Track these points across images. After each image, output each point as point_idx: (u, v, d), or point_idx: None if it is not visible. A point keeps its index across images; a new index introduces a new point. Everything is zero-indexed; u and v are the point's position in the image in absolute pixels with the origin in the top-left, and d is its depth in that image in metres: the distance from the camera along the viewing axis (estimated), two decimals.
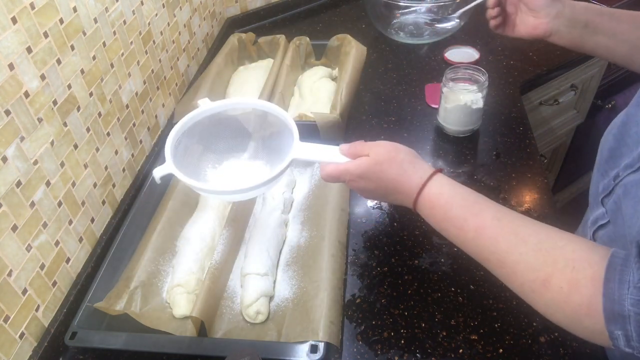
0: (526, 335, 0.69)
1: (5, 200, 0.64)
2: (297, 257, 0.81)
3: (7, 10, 0.63)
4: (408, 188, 0.60)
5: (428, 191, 0.59)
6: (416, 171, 0.60)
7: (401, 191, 0.61)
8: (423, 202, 0.59)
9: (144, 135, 0.99)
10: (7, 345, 0.65)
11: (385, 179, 0.61)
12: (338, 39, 1.21)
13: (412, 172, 0.60)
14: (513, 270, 0.52)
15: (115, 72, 0.88)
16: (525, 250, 0.51)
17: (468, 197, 0.58)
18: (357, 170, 0.62)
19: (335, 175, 0.64)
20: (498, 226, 0.54)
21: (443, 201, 0.58)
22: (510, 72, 1.19)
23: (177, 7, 1.12)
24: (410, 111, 1.11)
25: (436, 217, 0.59)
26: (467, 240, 0.56)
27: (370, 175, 0.61)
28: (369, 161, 0.61)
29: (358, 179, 0.62)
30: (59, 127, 0.74)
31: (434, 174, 0.60)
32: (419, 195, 0.59)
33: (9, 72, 0.63)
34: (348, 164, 0.63)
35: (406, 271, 0.79)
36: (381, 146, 0.62)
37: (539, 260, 0.50)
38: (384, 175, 0.61)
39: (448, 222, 0.58)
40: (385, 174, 0.61)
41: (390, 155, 0.61)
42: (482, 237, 0.54)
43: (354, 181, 0.63)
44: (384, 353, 0.69)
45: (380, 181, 0.61)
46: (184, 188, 0.92)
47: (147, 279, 0.77)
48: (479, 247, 0.55)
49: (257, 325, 0.72)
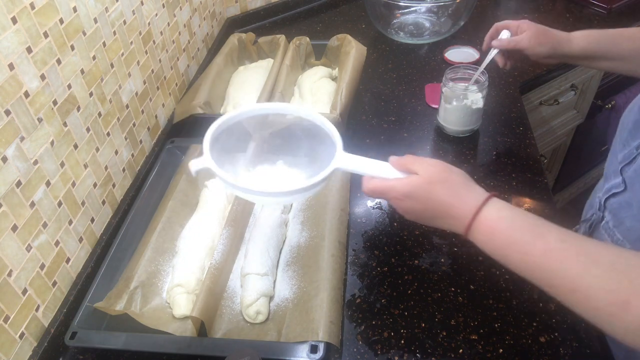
0: (526, 335, 0.69)
1: (5, 200, 0.64)
2: (297, 257, 0.81)
3: (7, 10, 0.63)
4: (461, 212, 0.56)
5: (485, 215, 0.55)
6: (470, 194, 0.56)
7: (452, 215, 0.57)
8: (479, 228, 0.55)
9: (144, 135, 0.99)
10: (7, 345, 0.65)
11: (436, 201, 0.57)
12: (338, 39, 1.21)
13: (466, 195, 0.56)
14: (586, 295, 0.47)
15: (115, 72, 0.88)
16: (598, 272, 0.47)
17: (528, 220, 0.54)
18: (404, 188, 0.58)
19: (379, 191, 0.61)
20: (565, 248, 0.50)
21: (504, 225, 0.54)
22: (510, 72, 1.19)
23: (177, 7, 1.12)
24: (410, 111, 1.11)
25: (496, 242, 0.54)
26: (533, 266, 0.52)
27: (419, 196, 0.58)
28: (419, 180, 0.58)
29: (405, 198, 0.58)
30: (59, 127, 0.74)
31: (490, 197, 0.56)
32: (474, 220, 0.55)
33: (9, 72, 0.63)
34: (395, 181, 0.59)
35: (406, 271, 0.79)
36: (433, 165, 0.59)
37: (615, 282, 0.46)
38: (434, 197, 0.57)
39: (511, 248, 0.53)
40: (436, 195, 0.57)
41: (442, 176, 0.58)
42: (550, 260, 0.50)
43: (399, 200, 0.59)
44: (384, 353, 0.69)
45: (430, 202, 0.57)
46: (184, 188, 0.92)
47: (147, 279, 0.77)
48: (546, 272, 0.51)
49: (257, 325, 0.72)
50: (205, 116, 1.02)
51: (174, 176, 0.95)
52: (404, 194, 0.58)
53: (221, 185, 0.76)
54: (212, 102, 1.07)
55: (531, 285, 0.75)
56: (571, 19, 1.42)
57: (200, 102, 1.03)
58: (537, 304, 0.72)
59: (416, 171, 0.58)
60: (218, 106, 1.11)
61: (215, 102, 1.09)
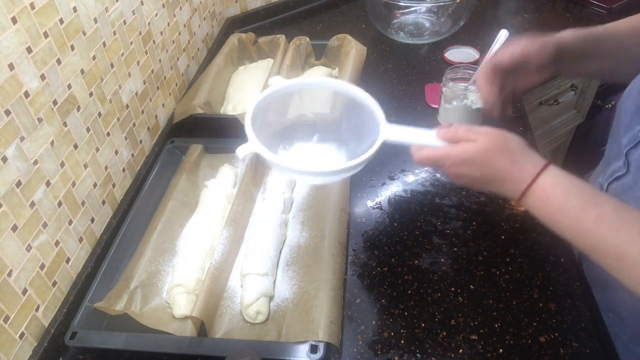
0: (526, 335, 0.69)
1: (5, 200, 0.64)
2: (297, 257, 0.81)
3: (7, 10, 0.63)
4: (518, 178, 0.58)
5: (543, 181, 0.57)
6: (528, 160, 0.58)
7: (509, 180, 0.59)
8: (534, 193, 0.57)
9: (144, 135, 0.99)
10: (7, 345, 0.65)
11: (494, 167, 0.59)
12: (338, 39, 1.21)
13: (524, 161, 0.58)
14: (632, 263, 0.50)
15: (115, 72, 0.88)
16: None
17: (585, 189, 0.56)
18: (462, 155, 0.60)
19: (434, 159, 0.62)
20: (618, 218, 0.52)
21: (559, 192, 0.56)
22: None
23: (177, 7, 1.12)
24: (410, 111, 1.11)
25: (549, 208, 0.57)
26: (583, 232, 0.54)
27: (477, 162, 0.60)
28: (478, 147, 0.59)
29: (463, 164, 0.60)
30: (59, 127, 0.74)
31: (547, 165, 0.58)
32: (531, 186, 0.57)
33: (9, 72, 0.63)
34: (451, 148, 0.61)
35: (406, 271, 0.79)
36: (491, 133, 0.60)
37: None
38: (493, 164, 0.59)
39: (564, 213, 0.56)
40: (495, 162, 0.59)
41: (501, 144, 0.59)
42: (602, 228, 0.52)
43: (455, 165, 0.61)
44: (384, 353, 0.69)
45: (487, 169, 0.59)
46: (184, 188, 0.92)
47: (147, 279, 0.77)
48: (596, 239, 0.53)
49: (257, 325, 0.72)
50: (205, 116, 1.02)
51: (174, 176, 0.95)
52: (463, 160, 0.60)
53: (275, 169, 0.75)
54: (212, 102, 1.07)
55: (531, 285, 0.76)
56: (571, 19, 1.42)
57: (200, 102, 1.03)
58: (537, 304, 0.72)
59: (474, 139, 0.60)
60: (218, 106, 1.11)
61: (215, 102, 1.09)
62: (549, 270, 0.77)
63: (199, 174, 0.97)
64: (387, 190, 0.93)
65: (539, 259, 0.78)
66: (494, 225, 0.84)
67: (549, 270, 0.77)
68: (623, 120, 0.67)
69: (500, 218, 0.85)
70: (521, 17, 1.44)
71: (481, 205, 0.88)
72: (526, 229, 0.83)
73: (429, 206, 0.89)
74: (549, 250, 0.79)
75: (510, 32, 0.94)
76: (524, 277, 0.76)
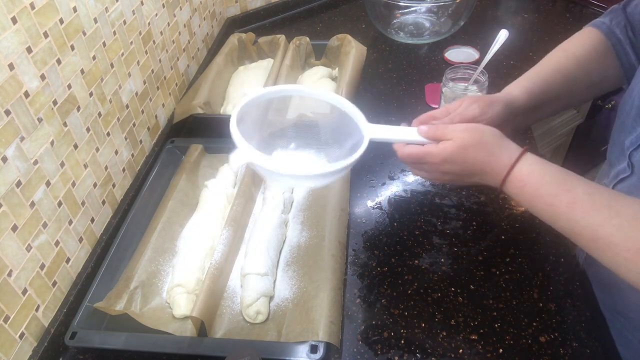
0: (526, 335, 0.69)
1: (5, 200, 0.64)
2: (297, 257, 0.81)
3: (7, 10, 0.63)
4: (496, 168, 0.61)
5: (518, 170, 0.60)
6: (503, 151, 0.61)
7: (488, 172, 0.62)
8: (512, 181, 0.60)
9: (144, 135, 0.99)
10: (7, 345, 0.65)
11: (472, 162, 0.62)
12: (338, 39, 1.21)
13: (499, 152, 0.61)
14: (607, 242, 0.52)
15: (115, 72, 0.88)
16: (619, 222, 0.51)
17: (558, 174, 0.59)
18: (442, 153, 0.63)
19: (417, 157, 0.65)
20: (590, 200, 0.54)
21: (534, 179, 0.59)
22: (510, 72, 1.19)
23: (177, 7, 1.12)
24: (410, 111, 1.11)
25: (525, 195, 0.59)
26: (558, 216, 0.56)
27: (456, 159, 0.63)
28: (454, 145, 0.62)
29: (443, 162, 0.64)
30: (59, 127, 0.74)
31: (523, 153, 0.60)
32: (508, 175, 0.60)
33: (9, 72, 0.63)
34: (431, 147, 0.64)
35: (406, 271, 0.79)
36: (465, 130, 0.63)
37: (635, 230, 0.50)
38: (470, 159, 0.62)
39: (539, 199, 0.58)
40: (472, 157, 0.62)
41: (475, 139, 0.62)
42: (574, 211, 0.54)
43: (437, 164, 0.64)
44: (384, 353, 0.69)
45: (466, 164, 0.63)
46: (184, 188, 0.92)
47: (147, 279, 0.77)
48: (570, 222, 0.55)
49: (257, 325, 0.72)
50: (205, 116, 1.02)
51: (174, 176, 0.95)
52: (442, 159, 0.63)
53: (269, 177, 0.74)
54: (212, 102, 1.07)
55: (531, 285, 0.76)
56: (571, 19, 1.42)
57: (200, 102, 1.03)
58: (537, 304, 0.72)
59: (451, 137, 0.63)
60: (218, 106, 1.11)
61: (215, 102, 1.09)
62: (549, 270, 0.77)
63: (199, 174, 0.97)
64: (387, 190, 0.93)
65: (539, 259, 0.78)
66: (494, 225, 0.84)
67: (549, 270, 0.77)
68: (625, 122, 0.67)
69: (500, 218, 0.85)
70: (521, 17, 1.44)
71: (481, 205, 0.88)
72: (526, 229, 0.83)
73: (429, 206, 0.89)
74: (549, 250, 0.79)
75: (510, 32, 0.94)
76: (524, 277, 0.76)
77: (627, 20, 0.73)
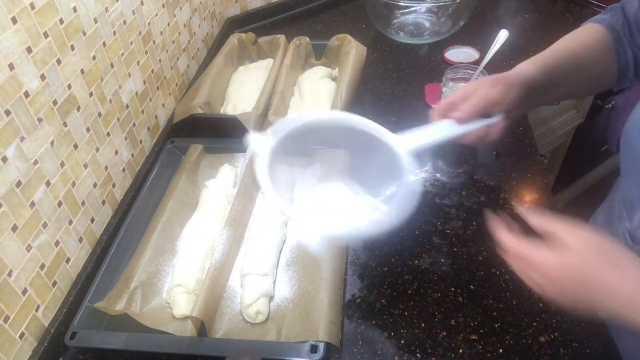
0: (526, 335, 0.69)
1: (5, 200, 0.64)
2: (297, 257, 0.81)
3: (7, 10, 0.63)
4: (627, 292, 0.47)
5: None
6: (634, 272, 0.47)
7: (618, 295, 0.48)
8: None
9: (144, 135, 0.99)
10: (7, 345, 0.65)
11: (597, 284, 0.48)
12: (338, 39, 1.21)
13: (633, 273, 0.47)
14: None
15: (115, 72, 0.88)
16: None
17: None
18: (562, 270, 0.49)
19: (524, 256, 0.53)
20: None
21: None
22: None
23: (177, 7, 1.12)
24: (410, 111, 1.11)
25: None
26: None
27: (582, 277, 0.49)
28: (579, 260, 0.49)
29: (563, 278, 0.50)
30: (59, 127, 0.74)
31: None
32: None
33: (9, 72, 0.63)
34: (549, 255, 0.50)
35: (406, 271, 0.79)
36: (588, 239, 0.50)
37: None
38: (596, 279, 0.48)
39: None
40: (602, 277, 0.48)
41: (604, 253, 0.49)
42: None
43: (552, 281, 0.51)
44: (384, 353, 0.69)
45: (593, 285, 0.49)
46: (184, 188, 0.92)
47: (147, 279, 0.77)
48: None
49: (257, 325, 0.72)
50: (205, 116, 1.02)
51: (174, 176, 0.95)
52: (565, 274, 0.50)
53: None
54: (212, 102, 1.07)
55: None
56: (571, 19, 1.42)
57: (200, 102, 1.03)
58: (537, 304, 0.72)
59: (571, 245, 0.49)
60: (218, 106, 1.11)
61: (215, 102, 1.09)
62: None
63: (199, 174, 0.97)
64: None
65: None
66: None
67: None
68: (636, 159, 0.60)
69: None
70: (521, 17, 1.44)
71: (481, 205, 0.88)
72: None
73: (429, 206, 0.89)
74: None
75: (510, 32, 0.94)
76: None
77: (626, 19, 0.73)
